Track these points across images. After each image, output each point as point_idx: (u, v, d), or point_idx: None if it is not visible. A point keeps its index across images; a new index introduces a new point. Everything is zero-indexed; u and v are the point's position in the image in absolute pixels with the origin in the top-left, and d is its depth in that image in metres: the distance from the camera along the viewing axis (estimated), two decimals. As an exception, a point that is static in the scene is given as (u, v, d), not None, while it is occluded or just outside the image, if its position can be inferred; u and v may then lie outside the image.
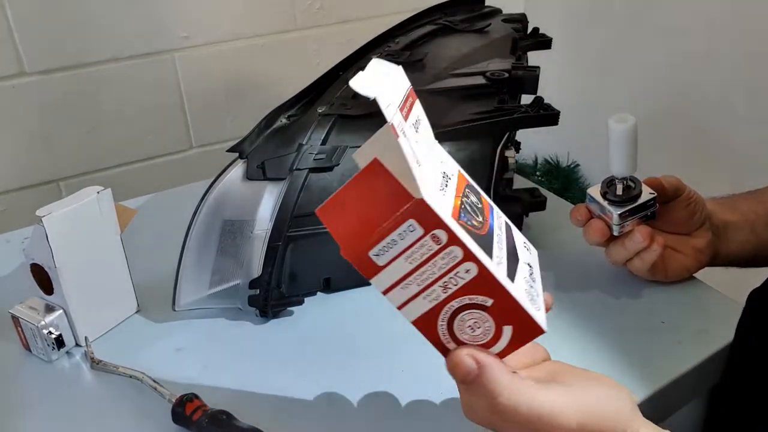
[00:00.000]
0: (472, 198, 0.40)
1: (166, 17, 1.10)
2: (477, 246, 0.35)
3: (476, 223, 0.37)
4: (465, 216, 0.37)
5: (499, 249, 0.38)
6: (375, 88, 0.34)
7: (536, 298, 0.39)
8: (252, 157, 0.58)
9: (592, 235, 0.63)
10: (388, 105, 0.34)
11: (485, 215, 0.40)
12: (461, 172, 0.43)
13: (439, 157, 0.41)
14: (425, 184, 0.34)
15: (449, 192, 0.37)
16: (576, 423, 0.35)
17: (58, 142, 1.08)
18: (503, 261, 0.38)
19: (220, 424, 0.49)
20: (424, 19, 0.81)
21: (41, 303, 0.59)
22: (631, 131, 0.58)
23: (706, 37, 1.21)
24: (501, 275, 0.36)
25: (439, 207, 0.34)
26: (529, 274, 0.40)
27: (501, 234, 0.40)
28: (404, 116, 0.36)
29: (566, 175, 1.58)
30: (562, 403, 0.36)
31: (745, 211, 0.66)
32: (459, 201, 0.37)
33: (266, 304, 0.61)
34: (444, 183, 0.38)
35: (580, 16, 1.48)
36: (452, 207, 0.36)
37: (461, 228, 0.35)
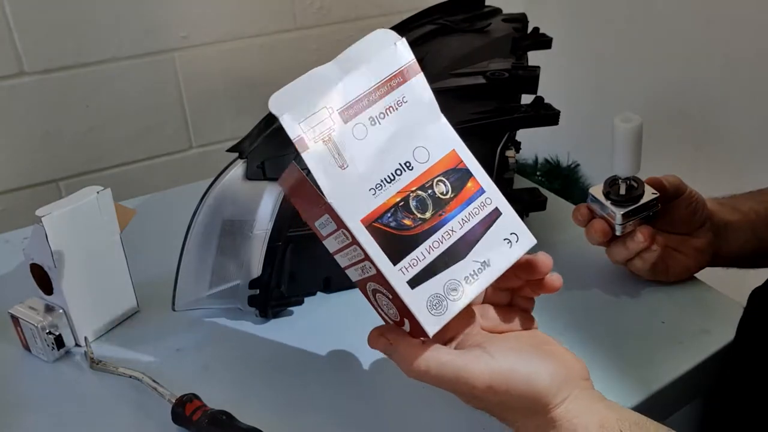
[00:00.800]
0: (435, 190, 0.41)
1: (166, 17, 1.10)
2: (379, 250, 0.39)
3: (407, 222, 0.40)
4: (392, 216, 0.40)
5: (427, 250, 0.40)
6: (285, 106, 0.38)
7: (445, 303, 0.40)
8: (252, 157, 0.58)
9: (593, 235, 0.63)
10: (305, 118, 0.39)
11: (444, 209, 0.41)
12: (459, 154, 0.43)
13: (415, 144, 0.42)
14: (341, 187, 0.39)
15: (390, 188, 0.40)
16: (484, 385, 0.39)
17: (57, 142, 1.08)
18: (422, 262, 0.40)
19: (219, 424, 0.49)
20: (424, 19, 0.81)
21: (41, 303, 0.59)
22: (636, 131, 0.58)
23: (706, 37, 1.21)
24: (397, 280, 0.39)
25: (349, 210, 0.39)
26: (464, 278, 0.41)
27: (455, 231, 0.41)
28: (350, 115, 0.40)
29: (566, 175, 1.57)
30: (473, 366, 0.39)
31: (746, 212, 0.65)
32: (398, 198, 0.40)
33: (266, 304, 0.61)
34: (389, 178, 0.40)
35: (580, 16, 1.48)
36: (376, 207, 0.39)
37: (366, 232, 0.39)
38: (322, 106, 0.39)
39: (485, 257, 0.42)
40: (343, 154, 0.39)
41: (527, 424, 0.42)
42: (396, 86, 0.41)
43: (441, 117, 0.43)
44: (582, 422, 0.40)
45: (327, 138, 0.39)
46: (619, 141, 0.59)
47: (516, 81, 0.66)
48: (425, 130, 0.42)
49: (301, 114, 0.39)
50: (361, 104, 0.40)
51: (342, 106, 0.40)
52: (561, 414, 0.40)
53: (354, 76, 0.40)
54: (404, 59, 0.42)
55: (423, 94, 0.42)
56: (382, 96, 0.41)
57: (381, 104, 0.41)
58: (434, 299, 0.40)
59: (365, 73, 0.41)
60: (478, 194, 0.42)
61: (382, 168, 0.40)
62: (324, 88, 0.40)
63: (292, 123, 0.39)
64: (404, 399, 0.53)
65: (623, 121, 0.58)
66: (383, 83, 0.41)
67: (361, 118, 0.40)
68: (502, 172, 0.66)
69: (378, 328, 0.43)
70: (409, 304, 0.39)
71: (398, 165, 0.41)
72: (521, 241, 0.43)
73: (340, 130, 0.40)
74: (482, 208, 0.42)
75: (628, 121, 0.58)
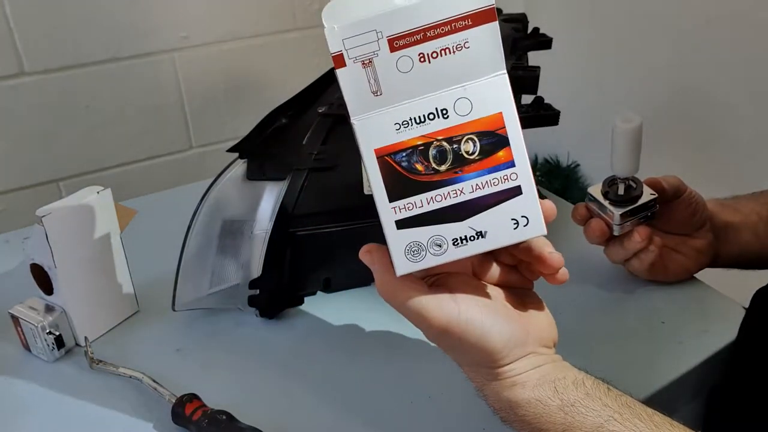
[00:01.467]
0: (461, 147, 0.40)
1: (166, 17, 1.10)
2: (380, 182, 0.39)
3: (419, 167, 0.39)
4: (407, 156, 0.39)
5: (426, 200, 0.40)
6: (336, 18, 0.38)
7: (424, 253, 0.40)
8: (252, 157, 0.58)
9: (592, 235, 0.63)
10: (350, 36, 0.38)
11: (462, 168, 0.40)
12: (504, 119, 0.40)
13: (460, 93, 0.40)
14: (366, 111, 0.39)
15: (416, 129, 0.39)
16: (440, 327, 0.41)
17: (57, 142, 1.08)
18: (417, 209, 0.40)
19: (219, 424, 0.49)
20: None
21: (41, 303, 0.59)
22: (636, 132, 0.58)
23: (706, 37, 1.21)
24: (386, 215, 0.40)
25: (367, 136, 0.39)
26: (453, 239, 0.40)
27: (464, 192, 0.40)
28: (400, 45, 0.38)
29: (566, 175, 1.58)
30: (435, 308, 0.41)
31: (747, 213, 0.65)
32: (419, 141, 0.39)
33: (266, 304, 0.61)
34: (419, 119, 0.39)
35: (580, 16, 1.48)
36: (394, 142, 0.39)
37: (375, 162, 0.39)
38: (372, 29, 0.38)
39: (484, 228, 0.41)
40: (379, 80, 0.39)
41: (474, 371, 0.44)
42: (461, 29, 0.39)
43: (503, 74, 0.40)
44: (521, 379, 0.42)
45: (368, 61, 0.38)
46: (618, 141, 0.59)
47: (516, 81, 0.66)
48: (478, 83, 0.40)
49: (348, 31, 0.38)
50: (415, 37, 0.39)
51: (393, 33, 0.38)
52: (505, 369, 0.42)
53: (418, 5, 0.38)
54: (481, 2, 0.39)
55: (489, 44, 0.39)
56: (441, 35, 0.39)
57: (437, 43, 0.39)
58: (414, 246, 0.40)
59: (432, 4, 0.38)
60: (505, 166, 0.40)
61: (415, 107, 0.40)
62: (382, 10, 0.38)
63: (335, 36, 0.38)
64: (405, 399, 0.53)
65: (623, 121, 0.58)
66: (447, 22, 0.39)
67: (410, 52, 0.39)
68: (502, 172, 0.66)
69: (371, 244, 0.44)
70: (390, 241, 0.40)
71: (434, 109, 0.40)
72: (530, 227, 0.41)
73: (384, 56, 0.38)
74: (504, 180, 0.41)
75: (629, 121, 0.58)
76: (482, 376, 0.44)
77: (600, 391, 0.42)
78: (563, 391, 0.42)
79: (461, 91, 0.39)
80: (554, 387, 0.42)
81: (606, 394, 0.42)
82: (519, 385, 0.42)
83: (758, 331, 0.55)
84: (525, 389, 0.42)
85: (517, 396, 0.42)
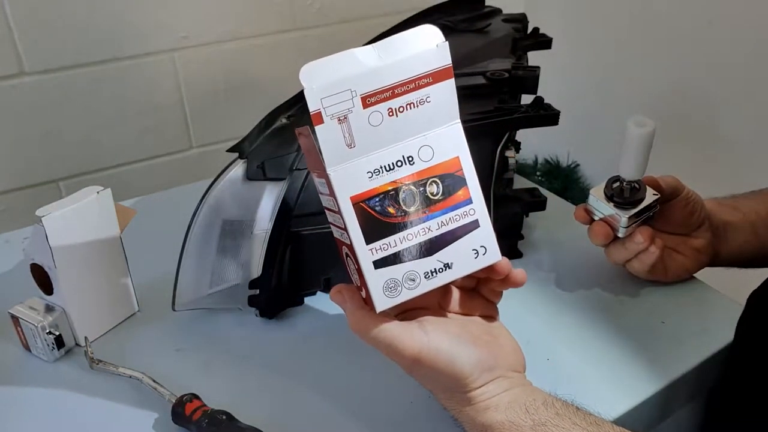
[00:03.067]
0: (427, 189, 0.44)
1: (166, 17, 1.10)
2: (357, 227, 0.43)
3: (392, 210, 0.43)
4: (380, 201, 0.43)
5: (400, 239, 0.44)
6: (314, 78, 0.41)
7: (400, 288, 0.44)
8: (252, 157, 0.58)
9: (596, 238, 0.63)
10: (329, 95, 0.41)
11: (429, 208, 0.44)
12: (461, 162, 0.45)
13: (423, 142, 0.44)
14: (341, 162, 0.42)
15: (386, 176, 0.43)
16: (411, 357, 0.43)
17: (57, 142, 1.08)
18: (392, 248, 0.43)
19: (219, 424, 0.49)
20: (424, 19, 0.81)
21: (41, 303, 0.59)
22: (649, 137, 0.58)
23: (706, 37, 1.21)
24: (364, 258, 0.43)
25: (342, 185, 0.42)
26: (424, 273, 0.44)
27: (431, 230, 0.44)
28: (372, 102, 0.42)
29: (566, 175, 1.57)
30: (405, 338, 0.43)
31: (746, 212, 0.65)
32: (390, 187, 0.43)
33: (266, 304, 0.61)
34: (388, 167, 0.43)
35: (580, 16, 1.48)
36: (368, 189, 0.43)
37: (351, 208, 0.42)
38: (347, 88, 0.42)
39: (450, 260, 0.45)
40: (353, 134, 0.42)
41: (448, 398, 0.46)
42: (424, 85, 0.43)
43: (457, 123, 0.45)
44: (493, 402, 0.44)
45: (343, 117, 0.42)
46: (629, 144, 0.59)
47: (516, 81, 0.66)
48: (438, 132, 0.44)
49: (325, 90, 0.41)
50: (385, 95, 0.43)
51: (366, 92, 0.42)
52: (477, 394, 0.44)
53: (386, 66, 0.42)
54: (440, 62, 0.43)
55: (447, 98, 0.44)
56: (407, 92, 0.43)
57: (404, 99, 0.43)
58: (391, 283, 0.44)
59: (399, 65, 0.42)
60: (464, 203, 0.45)
61: (385, 156, 0.43)
62: (355, 71, 0.42)
63: (314, 96, 0.41)
64: (405, 399, 0.53)
65: (636, 125, 0.58)
66: (412, 80, 0.43)
67: (381, 107, 0.43)
68: (502, 172, 0.66)
69: (340, 285, 0.47)
70: (368, 280, 0.43)
71: (401, 157, 0.44)
72: (488, 255, 0.46)
73: (357, 113, 0.42)
74: (464, 216, 0.45)
75: (642, 125, 0.58)
76: (456, 402, 0.46)
77: (569, 411, 0.44)
78: (534, 412, 0.43)
79: (424, 139, 0.44)
80: (525, 408, 0.43)
81: (575, 414, 0.44)
82: (492, 408, 0.44)
83: (754, 332, 0.55)
84: (498, 412, 0.44)
85: (491, 419, 0.44)
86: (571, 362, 0.57)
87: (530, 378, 0.48)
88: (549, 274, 0.68)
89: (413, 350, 0.43)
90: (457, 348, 0.44)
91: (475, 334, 0.46)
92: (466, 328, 0.47)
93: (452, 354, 0.44)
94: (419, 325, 0.45)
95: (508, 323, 0.51)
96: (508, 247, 0.71)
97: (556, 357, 0.57)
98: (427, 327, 0.44)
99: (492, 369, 0.45)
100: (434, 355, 0.43)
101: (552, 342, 0.59)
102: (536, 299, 0.64)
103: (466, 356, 0.44)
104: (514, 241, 0.71)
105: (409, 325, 0.44)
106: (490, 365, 0.45)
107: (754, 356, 0.54)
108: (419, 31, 0.43)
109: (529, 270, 0.69)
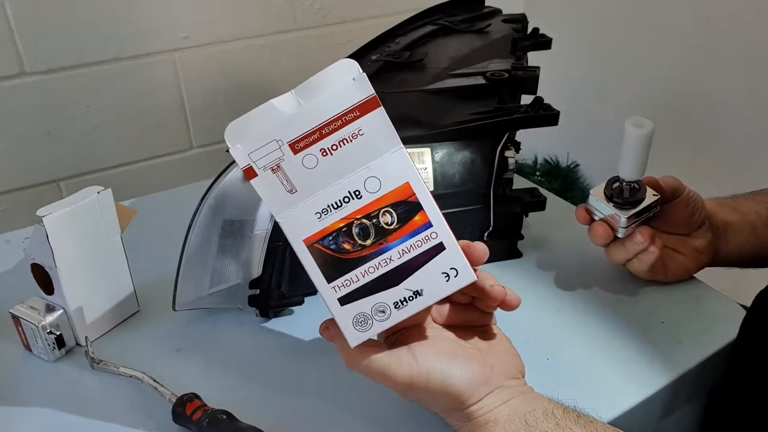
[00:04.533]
0: (380, 220, 0.44)
1: (166, 18, 1.10)
2: (316, 268, 0.43)
3: (347, 246, 0.43)
4: (333, 239, 0.43)
5: (361, 274, 0.44)
6: (238, 137, 0.42)
7: (370, 322, 0.44)
8: (252, 157, 0.58)
9: (596, 238, 0.63)
10: (254, 149, 0.42)
11: (386, 239, 0.44)
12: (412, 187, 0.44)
13: (367, 174, 0.43)
14: (287, 208, 0.43)
15: (335, 214, 0.43)
16: (404, 383, 0.44)
17: (58, 142, 1.08)
18: (355, 284, 0.44)
19: (220, 423, 0.49)
20: (424, 19, 0.82)
21: (42, 303, 0.59)
22: (647, 137, 0.58)
23: (706, 37, 1.21)
24: (328, 296, 0.44)
25: (293, 230, 0.43)
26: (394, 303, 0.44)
27: (393, 260, 0.44)
28: (301, 147, 0.42)
29: (566, 175, 1.57)
30: (396, 365, 0.44)
31: (746, 212, 0.65)
32: (342, 224, 0.43)
33: (266, 304, 0.61)
34: (336, 204, 0.43)
35: (580, 16, 1.48)
36: (319, 229, 0.43)
37: (306, 251, 0.43)
38: (272, 139, 0.42)
39: (419, 287, 0.44)
40: (291, 180, 0.43)
41: (448, 416, 0.47)
42: (351, 120, 0.43)
43: (400, 149, 0.44)
44: (493, 416, 0.44)
45: (276, 167, 0.43)
46: (628, 145, 0.59)
47: (516, 81, 0.66)
48: (381, 161, 0.44)
49: (251, 145, 0.42)
50: (313, 137, 0.43)
51: (292, 138, 0.43)
52: (475, 409, 0.44)
53: (308, 110, 0.43)
54: (361, 94, 0.43)
55: (381, 127, 0.43)
56: (335, 129, 0.43)
57: (334, 137, 0.43)
58: (360, 317, 0.44)
59: (320, 106, 0.43)
60: (424, 228, 0.44)
61: (330, 195, 0.43)
62: (277, 121, 0.42)
63: (241, 153, 0.42)
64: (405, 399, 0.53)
65: (635, 126, 0.58)
66: (337, 117, 0.43)
67: (312, 150, 0.43)
68: (501, 172, 0.67)
69: (326, 321, 0.47)
70: (337, 318, 0.44)
71: (347, 193, 0.44)
72: (460, 276, 0.45)
73: (289, 160, 0.43)
74: (426, 241, 0.44)
75: (640, 125, 0.58)
76: (456, 420, 0.46)
77: (570, 420, 0.43)
78: (534, 424, 0.43)
79: (367, 171, 0.44)
80: (525, 420, 0.43)
81: (576, 423, 0.43)
82: (491, 422, 0.44)
83: (759, 333, 0.55)
84: (497, 426, 0.44)
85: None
86: (570, 362, 0.57)
87: (530, 378, 0.48)
88: (548, 274, 0.68)
89: (404, 377, 0.43)
90: (448, 367, 0.44)
91: (467, 349, 0.46)
92: (457, 344, 0.47)
93: (444, 374, 0.44)
94: (408, 350, 0.44)
95: (508, 323, 0.51)
96: (507, 247, 0.71)
97: (556, 357, 0.57)
98: (416, 351, 0.44)
99: (488, 381, 0.45)
100: (425, 378, 0.43)
101: (552, 342, 0.59)
102: (536, 299, 0.64)
103: (458, 374, 0.44)
104: (514, 241, 0.71)
105: (398, 352, 0.44)
106: (485, 378, 0.45)
107: (758, 357, 0.54)
108: (335, 67, 0.43)
109: (528, 270, 0.69)
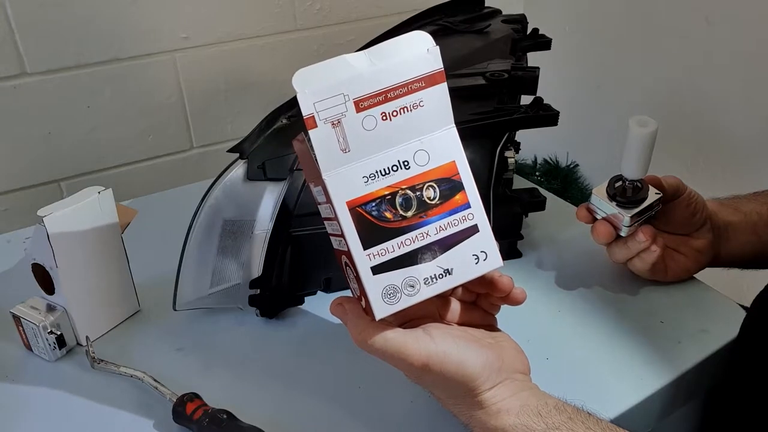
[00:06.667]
0: (423, 193, 0.44)
1: (166, 18, 1.10)
2: (354, 232, 0.42)
3: (389, 215, 0.43)
4: (376, 206, 0.43)
5: (398, 245, 0.43)
6: (307, 83, 0.41)
7: (399, 295, 0.43)
8: (252, 157, 0.58)
9: (599, 237, 0.63)
10: (320, 99, 0.41)
11: (426, 213, 0.44)
12: (457, 166, 0.45)
13: (418, 146, 0.44)
14: (336, 167, 0.42)
15: (382, 181, 0.43)
16: (420, 363, 0.42)
17: (59, 143, 1.08)
18: (390, 254, 0.43)
19: (220, 423, 0.49)
20: (424, 19, 0.82)
21: (42, 303, 0.59)
22: (651, 136, 0.58)
23: (706, 38, 1.21)
24: (362, 263, 0.42)
25: (338, 190, 0.42)
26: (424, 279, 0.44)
27: (430, 235, 0.44)
28: (365, 106, 0.42)
29: (566, 175, 1.57)
30: (412, 345, 0.43)
31: (747, 212, 0.65)
32: (387, 192, 0.43)
33: (266, 304, 0.61)
34: (384, 171, 0.43)
35: (580, 16, 1.48)
36: (364, 194, 0.42)
37: (348, 213, 0.42)
38: (340, 92, 0.42)
39: (450, 266, 0.44)
40: (347, 139, 0.42)
41: (458, 404, 0.46)
42: (416, 90, 0.43)
43: (452, 128, 0.45)
44: (505, 405, 0.44)
45: (336, 122, 0.42)
46: (632, 144, 0.59)
47: (515, 81, 0.66)
48: (432, 136, 0.44)
49: (318, 94, 0.41)
50: (377, 99, 0.42)
51: (358, 96, 0.42)
52: (487, 397, 0.44)
53: (379, 70, 0.42)
54: (432, 66, 0.43)
55: (441, 102, 0.44)
56: (399, 96, 0.43)
57: (397, 103, 0.43)
58: (390, 289, 0.43)
59: (390, 70, 0.42)
60: (462, 208, 0.45)
61: (380, 160, 0.43)
62: (347, 76, 0.42)
63: (307, 100, 0.41)
64: (405, 399, 0.53)
65: (639, 125, 0.58)
66: (404, 84, 0.43)
67: (374, 111, 0.42)
68: (501, 172, 0.67)
69: (340, 297, 0.46)
70: (367, 287, 0.43)
71: (396, 162, 0.43)
72: (489, 260, 0.45)
73: (350, 117, 0.42)
74: (462, 221, 0.45)
75: (644, 125, 0.58)
76: (467, 407, 0.45)
77: (582, 416, 0.44)
78: (547, 416, 0.43)
79: (419, 144, 0.44)
80: (538, 412, 0.43)
81: (587, 418, 0.44)
82: (504, 411, 0.44)
83: (759, 333, 0.55)
84: (510, 415, 0.43)
85: (504, 422, 0.43)
86: (570, 361, 0.57)
87: (531, 377, 0.48)
88: (548, 274, 0.68)
89: (421, 356, 0.42)
90: (465, 351, 0.44)
91: (478, 338, 0.46)
92: (469, 332, 0.47)
93: (461, 357, 0.43)
94: (424, 331, 0.44)
95: (508, 323, 0.51)
96: (507, 247, 0.71)
97: (556, 356, 0.57)
98: (432, 332, 0.44)
99: (499, 370, 0.45)
100: (443, 359, 0.43)
101: (552, 341, 0.59)
102: (536, 299, 0.64)
103: (474, 358, 0.43)
104: (514, 241, 0.71)
105: (414, 331, 0.44)
106: (497, 366, 0.45)
107: (758, 358, 0.54)
108: (410, 36, 0.43)
109: (528, 270, 0.69)
